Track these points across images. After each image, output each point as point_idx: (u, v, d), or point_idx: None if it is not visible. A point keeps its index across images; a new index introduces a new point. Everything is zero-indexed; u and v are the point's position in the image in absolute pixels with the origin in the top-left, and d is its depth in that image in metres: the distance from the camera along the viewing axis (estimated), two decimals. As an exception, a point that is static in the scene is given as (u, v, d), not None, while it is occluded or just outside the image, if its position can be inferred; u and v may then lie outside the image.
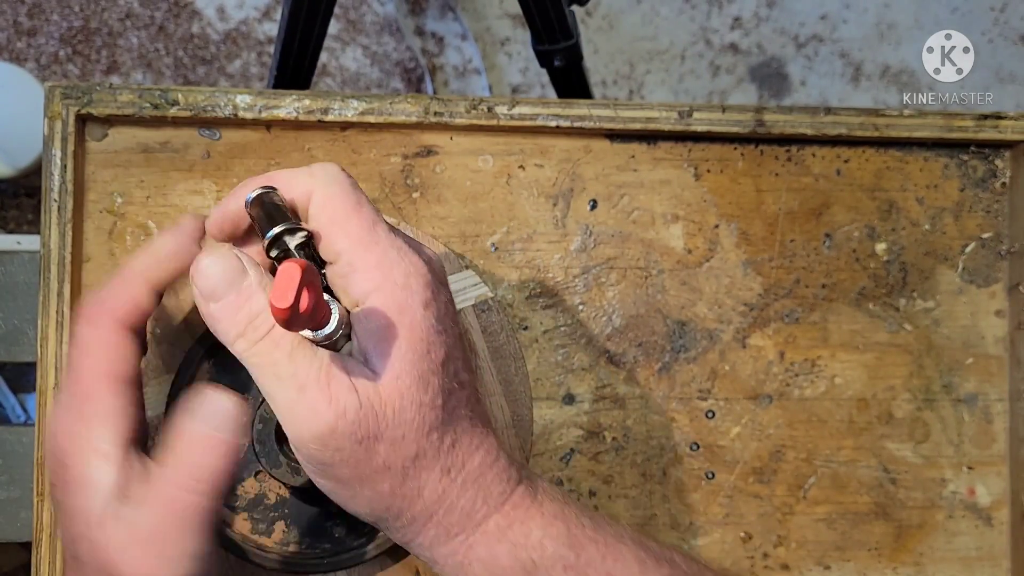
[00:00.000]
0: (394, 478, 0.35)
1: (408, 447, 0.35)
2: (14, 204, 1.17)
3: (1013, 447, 0.55)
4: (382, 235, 0.36)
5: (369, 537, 0.47)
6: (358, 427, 0.34)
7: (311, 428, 0.34)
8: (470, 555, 0.37)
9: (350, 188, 0.36)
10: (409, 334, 0.35)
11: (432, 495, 0.36)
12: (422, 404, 0.35)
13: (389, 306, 0.35)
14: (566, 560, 0.37)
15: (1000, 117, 0.54)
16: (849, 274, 0.54)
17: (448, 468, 0.36)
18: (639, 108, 0.52)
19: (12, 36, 1.20)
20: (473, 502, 0.37)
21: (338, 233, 0.35)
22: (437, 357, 0.35)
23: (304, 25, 0.77)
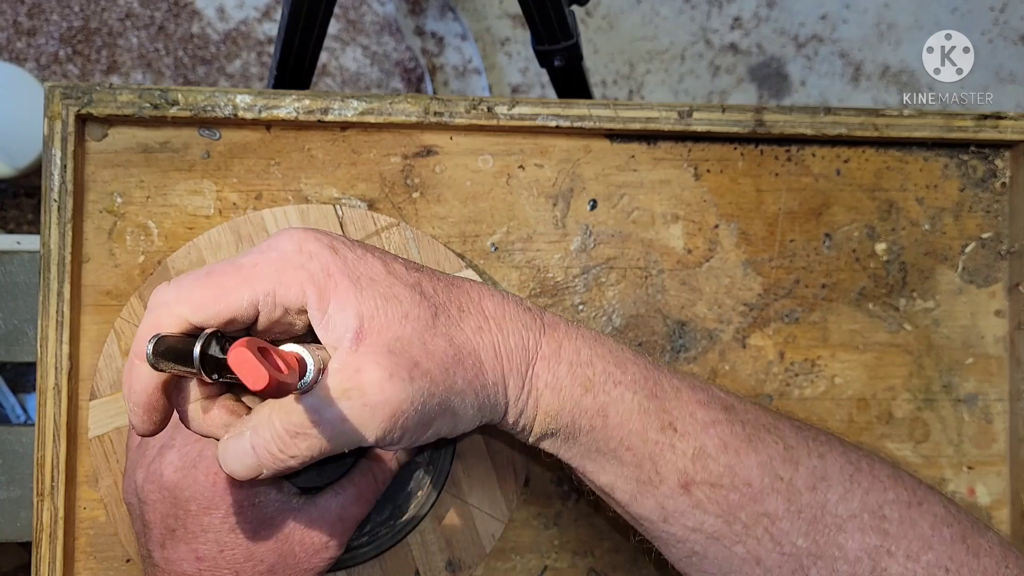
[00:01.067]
0: (455, 365, 0.37)
1: (436, 343, 0.36)
2: (14, 204, 1.17)
3: (1013, 447, 0.55)
4: (245, 259, 0.36)
5: (369, 537, 0.47)
6: (395, 377, 0.35)
7: (384, 423, 0.35)
8: (537, 383, 0.39)
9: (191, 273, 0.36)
10: (345, 282, 0.36)
11: (487, 355, 0.38)
12: (407, 312, 0.36)
13: (318, 282, 0.35)
14: (615, 376, 0.39)
15: (1000, 117, 0.54)
16: (849, 274, 0.54)
17: (478, 325, 0.38)
18: (639, 108, 0.52)
19: (12, 36, 1.20)
20: (518, 335, 0.39)
21: (228, 299, 0.35)
22: (379, 273, 0.37)
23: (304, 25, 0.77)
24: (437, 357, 0.36)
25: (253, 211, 0.51)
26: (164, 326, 0.34)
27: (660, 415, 0.39)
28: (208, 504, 0.41)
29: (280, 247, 0.36)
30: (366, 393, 0.34)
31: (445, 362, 0.36)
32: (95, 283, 0.50)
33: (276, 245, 0.36)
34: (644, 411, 0.39)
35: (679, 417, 0.39)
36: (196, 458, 0.41)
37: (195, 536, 0.41)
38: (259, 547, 0.41)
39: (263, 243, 0.37)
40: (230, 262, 0.36)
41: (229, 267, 0.36)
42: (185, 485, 0.41)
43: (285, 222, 0.49)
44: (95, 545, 0.49)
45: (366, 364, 0.34)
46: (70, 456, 0.48)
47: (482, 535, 0.49)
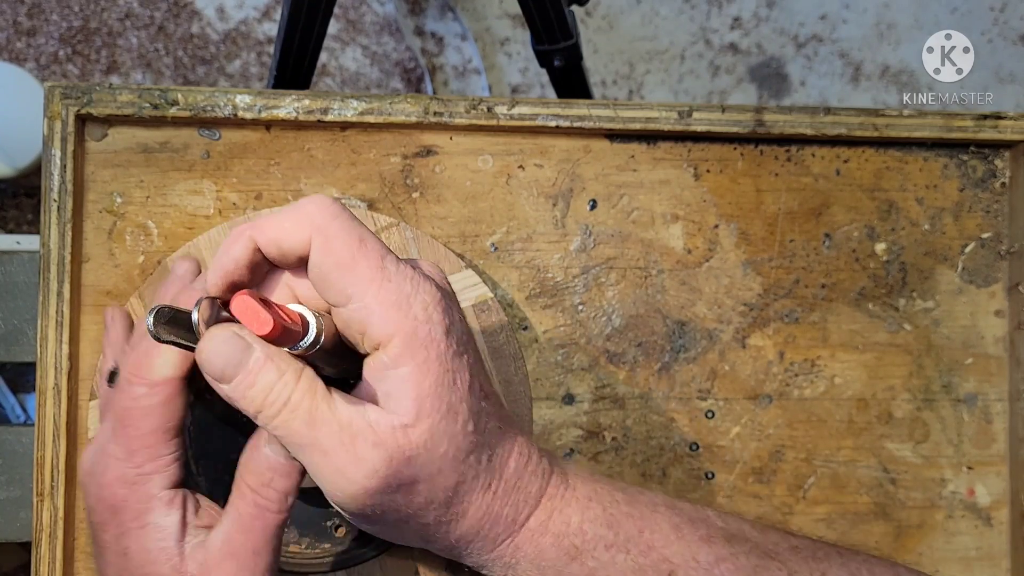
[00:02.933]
0: (438, 509, 0.36)
1: (447, 478, 0.36)
2: (13, 204, 1.17)
3: (1013, 447, 0.55)
4: (392, 270, 0.35)
5: (369, 537, 0.47)
6: (391, 479, 0.34)
7: (344, 490, 0.34)
8: (517, 555, 0.38)
9: (350, 224, 0.35)
10: (436, 368, 0.34)
11: (476, 513, 0.37)
12: (454, 435, 0.35)
13: (414, 345, 0.34)
14: (606, 540, 0.38)
15: (1000, 117, 0.54)
16: (849, 274, 0.54)
17: (488, 483, 0.37)
18: (639, 108, 0.52)
19: (12, 36, 1.20)
20: (515, 507, 0.37)
21: (347, 277, 0.34)
22: (463, 383, 0.35)
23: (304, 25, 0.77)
24: (435, 488, 0.35)
25: (253, 211, 0.51)
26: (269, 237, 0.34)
27: (659, 567, 0.37)
28: (101, 519, 0.38)
29: (410, 293, 0.35)
30: (345, 465, 0.33)
31: (433, 501, 0.36)
32: (95, 283, 0.50)
33: (416, 283, 0.35)
34: (639, 569, 0.37)
35: (680, 564, 0.38)
36: (92, 464, 0.38)
37: (101, 552, 0.39)
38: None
39: (406, 266, 0.35)
40: (380, 252, 0.35)
41: (373, 254, 0.34)
42: (89, 491, 0.39)
43: (285, 222, 0.49)
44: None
45: (375, 442, 0.34)
46: (70, 456, 0.48)
47: (482, 535, 0.49)
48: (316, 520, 0.47)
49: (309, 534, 0.47)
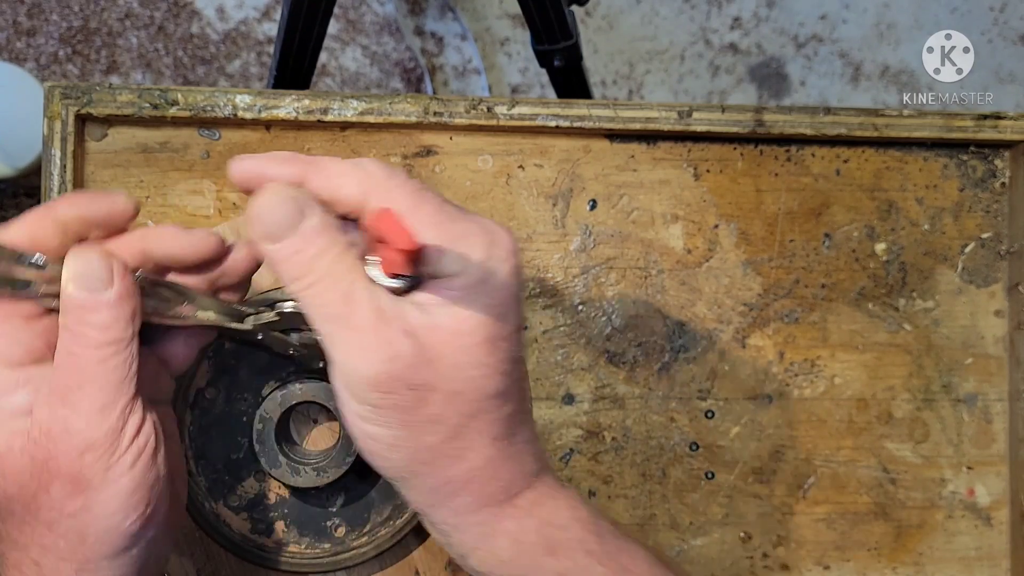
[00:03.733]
0: (442, 433, 0.34)
1: (465, 404, 0.34)
2: (13, 204, 1.17)
3: (1012, 447, 0.55)
4: (454, 211, 0.35)
5: (369, 536, 0.47)
6: (413, 372, 0.33)
7: (362, 369, 0.33)
8: (497, 527, 0.36)
9: (406, 178, 0.35)
10: (489, 297, 0.34)
11: (478, 459, 0.35)
12: (487, 365, 0.34)
13: (476, 270, 0.34)
14: (587, 545, 0.37)
15: (1000, 117, 0.54)
16: (848, 274, 0.54)
17: (499, 436, 0.35)
18: (639, 108, 0.52)
19: (12, 36, 1.20)
20: (513, 474, 0.36)
21: (412, 224, 0.33)
22: (510, 325, 0.35)
23: (304, 25, 0.77)
24: (450, 406, 0.34)
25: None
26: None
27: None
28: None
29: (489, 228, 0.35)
30: (370, 342, 0.32)
31: (447, 415, 0.34)
32: (95, 283, 0.50)
33: (484, 224, 0.35)
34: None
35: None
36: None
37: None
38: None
39: (471, 213, 0.35)
40: (440, 198, 0.35)
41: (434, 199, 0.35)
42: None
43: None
44: (95, 545, 0.49)
45: (406, 330, 0.33)
46: (70, 456, 0.48)
47: (482, 535, 0.49)
48: (316, 520, 0.47)
49: (309, 534, 0.47)
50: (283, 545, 0.47)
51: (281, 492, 0.47)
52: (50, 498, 0.34)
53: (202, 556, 0.47)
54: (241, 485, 0.47)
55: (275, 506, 0.47)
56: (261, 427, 0.45)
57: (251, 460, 0.46)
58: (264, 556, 0.46)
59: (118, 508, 0.35)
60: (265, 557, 0.46)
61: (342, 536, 0.47)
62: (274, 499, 0.47)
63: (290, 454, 0.45)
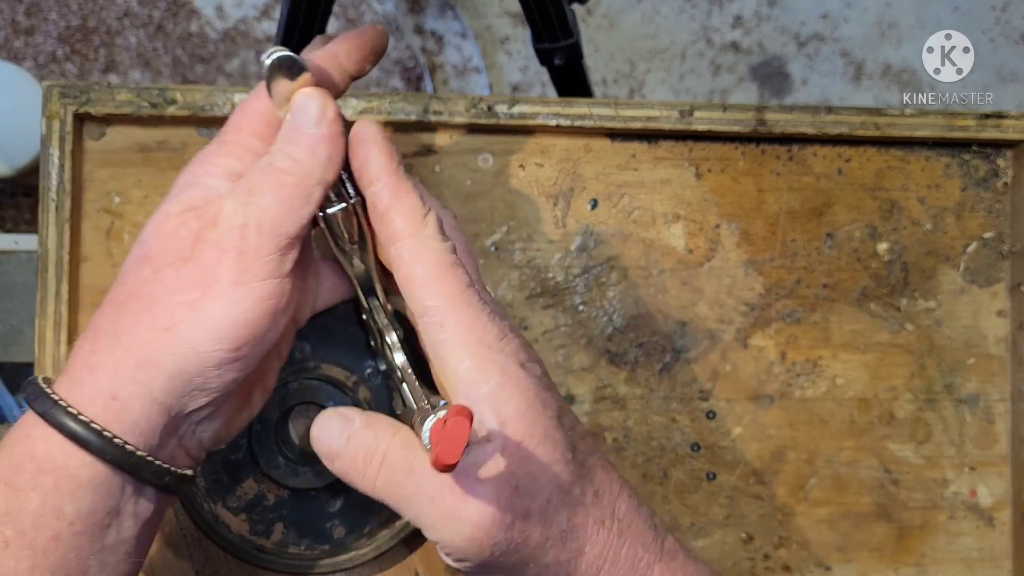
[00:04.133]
0: (555, 546, 0.34)
1: (558, 512, 0.34)
2: (12, 204, 1.16)
3: (1015, 448, 0.55)
4: (475, 297, 0.35)
5: (369, 537, 0.47)
6: (504, 513, 0.33)
7: (460, 533, 0.33)
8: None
9: (443, 243, 0.36)
10: (520, 396, 0.34)
11: (594, 550, 0.35)
12: (555, 462, 0.34)
13: (490, 371, 0.34)
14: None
15: (1002, 116, 0.54)
16: (850, 274, 0.54)
17: (602, 519, 0.35)
18: (640, 107, 0.51)
19: (10, 35, 1.20)
20: (634, 550, 0.36)
21: (432, 288, 0.34)
22: (552, 411, 0.35)
23: (303, 24, 0.76)
24: (547, 523, 0.34)
25: (252, 211, 0.50)
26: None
27: None
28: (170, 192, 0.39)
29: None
30: (466, 508, 0.33)
31: (549, 533, 0.34)
32: (93, 283, 0.50)
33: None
34: None
35: None
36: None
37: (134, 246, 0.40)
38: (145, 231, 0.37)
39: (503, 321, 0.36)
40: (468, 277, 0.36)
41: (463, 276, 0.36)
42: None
43: (284, 222, 0.49)
44: (93, 546, 0.49)
45: (485, 481, 0.32)
46: (68, 457, 0.48)
47: (482, 536, 0.49)
48: (315, 521, 0.47)
49: (309, 535, 0.47)
50: (282, 546, 0.47)
51: (280, 493, 0.47)
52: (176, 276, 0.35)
53: (200, 557, 0.47)
54: (240, 486, 0.47)
55: (274, 507, 0.47)
56: (260, 428, 0.45)
57: (250, 461, 0.46)
58: (263, 557, 0.46)
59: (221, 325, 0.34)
60: (264, 558, 0.46)
61: (341, 537, 0.47)
62: (273, 500, 0.47)
63: (289, 455, 0.45)
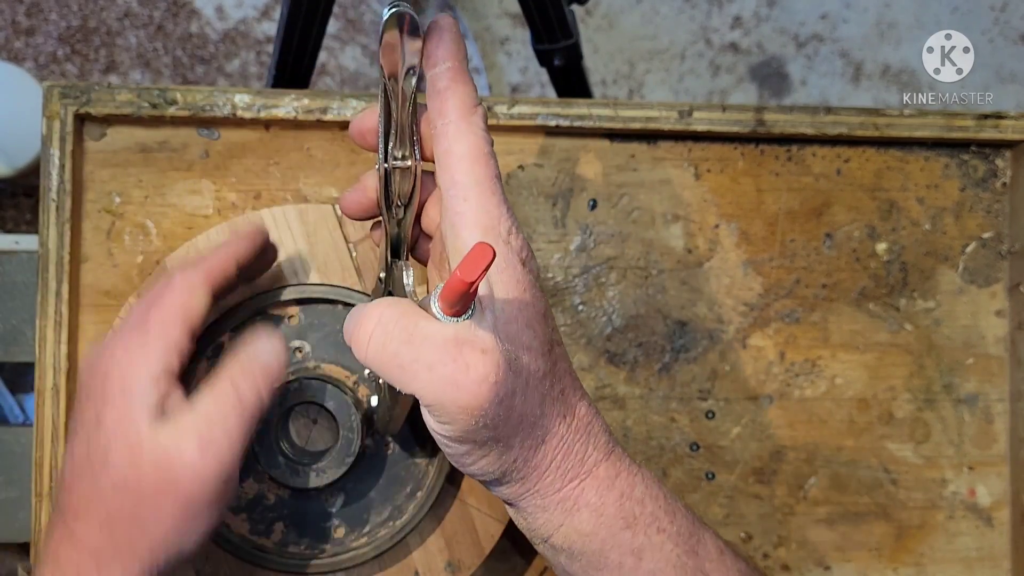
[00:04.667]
0: (525, 429, 0.36)
1: (534, 396, 0.35)
2: (12, 204, 1.16)
3: (1014, 447, 0.55)
4: (499, 188, 0.36)
5: (369, 538, 0.47)
6: (500, 386, 0.34)
7: (457, 400, 0.33)
8: (580, 500, 0.37)
9: (485, 127, 0.37)
10: (516, 284, 0.35)
11: (553, 439, 0.36)
12: (533, 350, 0.35)
13: (498, 262, 0.35)
14: (660, 523, 0.38)
15: (1000, 117, 0.54)
16: (849, 274, 0.54)
17: (564, 414, 0.37)
18: (639, 107, 0.51)
19: (10, 35, 1.20)
20: (585, 447, 0.37)
21: (466, 166, 0.36)
22: (539, 308, 0.36)
23: (303, 24, 0.76)
24: (528, 403, 0.35)
25: (252, 211, 0.50)
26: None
27: (696, 574, 0.38)
28: (87, 393, 0.39)
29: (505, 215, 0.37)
30: (468, 372, 0.33)
31: (524, 418, 0.35)
32: (93, 283, 0.50)
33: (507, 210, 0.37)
34: (681, 566, 0.38)
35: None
36: (107, 344, 0.39)
37: (74, 431, 0.39)
38: (114, 452, 0.37)
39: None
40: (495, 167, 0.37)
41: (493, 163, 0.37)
42: (88, 364, 0.39)
43: (284, 222, 0.49)
44: (93, 546, 0.49)
45: (483, 349, 0.33)
46: (68, 457, 0.48)
47: (482, 536, 0.49)
48: (315, 521, 0.47)
49: (309, 535, 0.47)
50: (282, 546, 0.47)
51: (280, 493, 0.47)
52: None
53: (201, 557, 0.47)
54: (240, 486, 0.47)
55: (274, 507, 0.47)
56: (260, 427, 0.45)
57: (250, 461, 0.46)
58: (263, 557, 0.46)
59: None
60: (264, 558, 0.46)
61: (341, 537, 0.47)
62: (273, 500, 0.47)
63: (289, 455, 0.45)
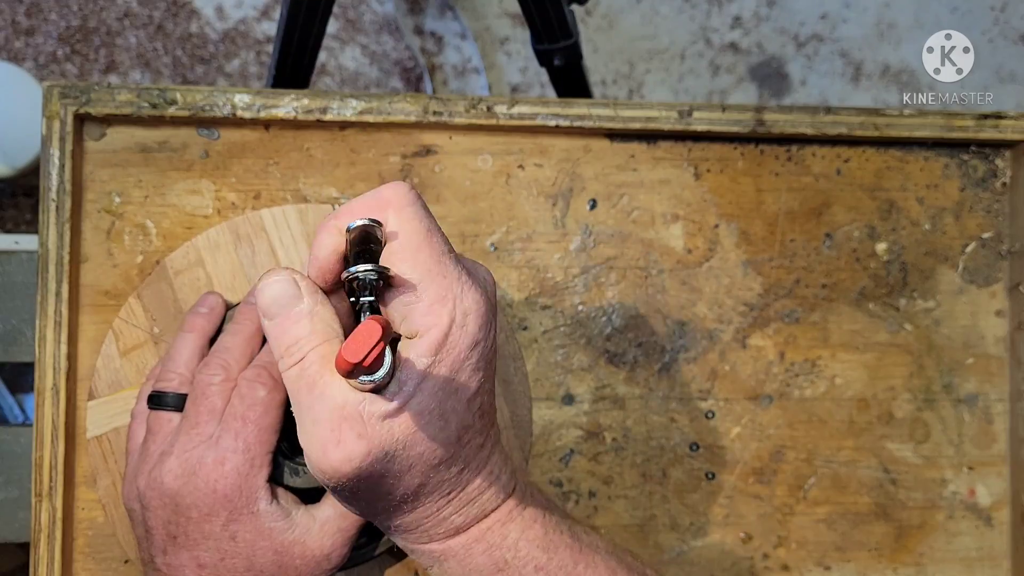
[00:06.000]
0: (393, 501, 0.37)
1: (414, 479, 0.36)
2: (12, 204, 1.16)
3: (1013, 447, 0.55)
4: (450, 267, 0.36)
5: (371, 537, 0.47)
6: (363, 471, 0.35)
7: (319, 464, 0.35)
8: (447, 554, 0.39)
9: (423, 212, 0.37)
10: (446, 373, 0.35)
11: (425, 512, 0.38)
12: (435, 440, 0.36)
13: (440, 342, 0.35)
14: (538, 561, 0.39)
15: (1000, 117, 0.54)
16: (849, 274, 0.54)
17: (448, 492, 0.38)
18: (639, 107, 0.51)
19: (10, 35, 1.20)
20: (464, 517, 0.39)
21: (408, 261, 0.36)
22: (464, 395, 0.36)
23: (303, 24, 0.76)
24: (399, 486, 0.36)
25: (252, 211, 0.50)
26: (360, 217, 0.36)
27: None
28: (208, 511, 0.41)
29: (462, 294, 0.36)
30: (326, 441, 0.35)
31: (396, 492, 0.36)
32: (93, 283, 0.50)
33: (465, 287, 0.36)
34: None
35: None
36: (196, 464, 0.41)
37: (196, 543, 0.41)
38: (259, 557, 0.41)
39: (462, 268, 0.37)
40: (443, 246, 0.37)
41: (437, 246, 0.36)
42: (186, 492, 0.41)
43: (284, 222, 0.49)
44: (93, 546, 0.49)
45: (359, 433, 0.34)
46: (68, 457, 0.48)
47: (481, 536, 0.49)
48: (315, 521, 0.47)
49: (308, 535, 0.47)
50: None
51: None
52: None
53: None
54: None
55: (274, 507, 0.47)
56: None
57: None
58: (263, 557, 0.46)
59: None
60: (264, 558, 0.46)
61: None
62: (273, 500, 0.47)
63: (289, 455, 0.45)
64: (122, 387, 0.49)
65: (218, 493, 0.41)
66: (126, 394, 0.48)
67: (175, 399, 0.44)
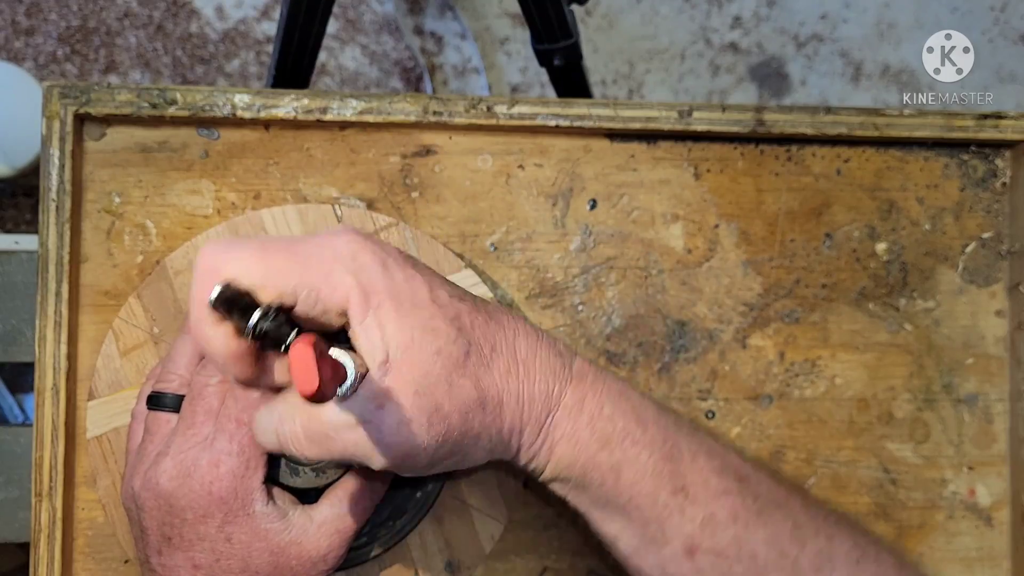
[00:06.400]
0: (476, 414, 0.37)
1: (464, 386, 0.37)
2: (12, 204, 1.16)
3: (1013, 447, 0.55)
4: (301, 248, 0.37)
5: (368, 538, 0.47)
6: (418, 423, 0.36)
7: (394, 459, 0.36)
8: (555, 433, 0.39)
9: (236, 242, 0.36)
10: (388, 300, 0.36)
11: (510, 400, 0.38)
12: (440, 349, 0.36)
13: (362, 303, 0.36)
14: (633, 435, 0.39)
15: (1000, 117, 0.54)
16: (849, 274, 0.54)
17: (507, 369, 0.38)
18: (639, 107, 0.51)
19: (10, 35, 1.20)
20: (545, 383, 0.39)
21: (273, 280, 0.36)
22: (423, 297, 0.37)
23: (303, 24, 0.76)
24: (460, 400, 0.37)
25: (251, 211, 0.50)
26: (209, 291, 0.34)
27: (673, 478, 0.39)
28: (204, 512, 0.41)
29: (336, 248, 0.36)
30: (382, 432, 0.35)
31: (467, 405, 0.37)
32: (93, 283, 0.50)
33: (332, 244, 0.36)
34: (658, 473, 0.39)
35: (692, 482, 0.39)
36: (191, 466, 0.41)
37: (191, 544, 0.41)
38: (255, 558, 0.41)
39: (321, 236, 0.37)
40: (286, 244, 0.36)
41: (283, 249, 0.36)
42: (181, 494, 0.41)
43: (284, 222, 0.49)
44: (93, 546, 0.49)
45: (388, 402, 0.35)
46: (68, 457, 0.48)
47: (481, 536, 0.49)
48: (315, 521, 0.47)
49: (308, 535, 0.47)
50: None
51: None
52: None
53: None
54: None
55: (274, 507, 0.47)
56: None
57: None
58: (263, 557, 0.46)
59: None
60: (264, 558, 0.46)
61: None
62: (273, 500, 0.47)
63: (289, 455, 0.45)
64: (122, 387, 0.49)
65: (213, 495, 0.41)
66: (126, 394, 0.48)
67: (174, 400, 0.44)
